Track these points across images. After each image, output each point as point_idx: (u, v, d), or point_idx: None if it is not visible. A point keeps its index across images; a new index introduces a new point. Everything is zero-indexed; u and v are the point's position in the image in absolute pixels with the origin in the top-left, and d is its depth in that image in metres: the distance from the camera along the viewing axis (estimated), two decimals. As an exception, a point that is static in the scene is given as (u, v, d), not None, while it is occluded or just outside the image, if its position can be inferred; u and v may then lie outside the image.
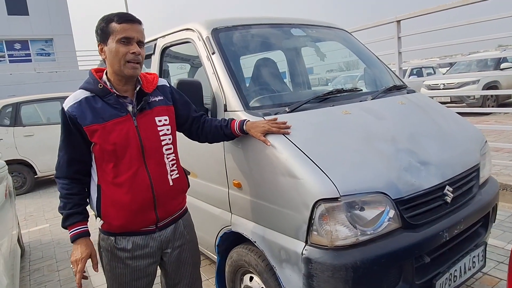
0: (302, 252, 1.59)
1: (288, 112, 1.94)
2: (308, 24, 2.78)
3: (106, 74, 1.53)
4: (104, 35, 1.46)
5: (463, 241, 1.96)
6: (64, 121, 1.48)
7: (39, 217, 5.35)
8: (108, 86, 1.50)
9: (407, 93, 2.56)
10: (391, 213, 1.62)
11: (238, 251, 2.04)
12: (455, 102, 10.18)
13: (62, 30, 22.49)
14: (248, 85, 2.33)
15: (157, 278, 1.71)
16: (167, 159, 1.61)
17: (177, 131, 1.73)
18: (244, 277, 2.09)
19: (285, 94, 2.52)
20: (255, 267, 1.91)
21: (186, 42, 2.40)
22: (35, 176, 6.94)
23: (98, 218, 1.57)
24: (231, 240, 2.15)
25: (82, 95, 1.49)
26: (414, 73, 13.21)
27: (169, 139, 1.62)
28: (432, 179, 1.79)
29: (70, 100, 1.49)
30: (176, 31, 2.51)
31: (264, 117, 1.87)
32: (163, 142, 1.59)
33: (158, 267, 1.71)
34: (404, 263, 1.62)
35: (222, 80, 2.04)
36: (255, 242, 1.86)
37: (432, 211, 1.77)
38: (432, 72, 14.18)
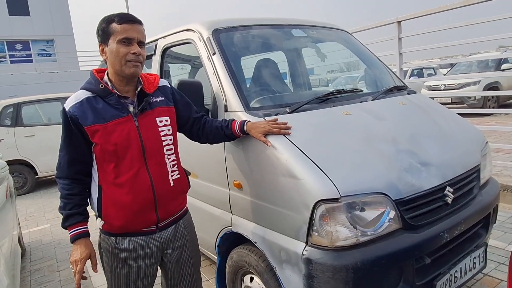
0: (303, 253, 1.59)
1: (289, 112, 1.94)
2: (309, 25, 2.78)
3: (108, 74, 1.54)
4: (105, 36, 1.47)
5: (464, 242, 1.96)
6: (65, 121, 1.49)
7: (39, 217, 5.35)
8: (109, 87, 1.51)
9: (408, 94, 2.56)
10: (392, 214, 1.62)
11: (238, 252, 2.04)
12: (455, 103, 10.18)
13: (63, 31, 22.55)
14: (249, 85, 2.33)
15: (157, 278, 1.71)
16: (168, 159, 1.61)
17: (178, 131, 1.74)
18: (244, 277, 2.09)
19: (285, 94, 2.52)
20: (255, 268, 1.91)
21: (187, 42, 2.41)
22: (36, 177, 6.95)
23: (98, 218, 1.58)
24: (231, 240, 2.15)
25: (83, 95, 1.50)
26: (415, 74, 13.20)
27: (170, 139, 1.62)
28: (433, 180, 1.79)
29: (71, 100, 1.49)
30: (177, 31, 2.51)
31: (265, 117, 1.87)
32: (164, 143, 1.59)
33: (159, 267, 1.71)
34: (405, 264, 1.62)
35: (222, 80, 2.05)
36: (256, 242, 1.86)
37: (432, 212, 1.77)
38: (433, 73, 14.16)
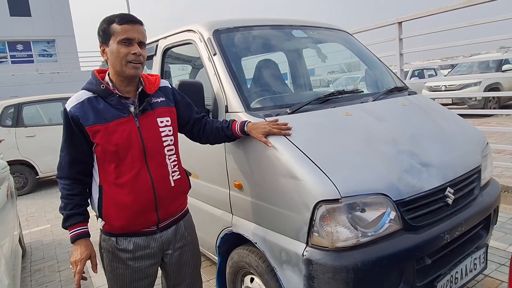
0: (303, 254, 1.58)
1: (289, 113, 1.94)
2: (310, 26, 2.78)
3: (109, 75, 1.54)
4: (105, 36, 1.47)
5: (465, 243, 1.96)
6: (67, 121, 1.49)
7: (40, 217, 5.36)
8: (110, 87, 1.51)
9: (408, 94, 2.55)
10: (392, 214, 1.62)
11: (239, 252, 2.04)
12: (456, 103, 10.17)
13: (64, 31, 22.58)
14: (249, 86, 2.33)
15: (157, 279, 1.71)
16: (169, 160, 1.61)
17: (178, 132, 1.74)
18: (245, 278, 2.09)
19: (286, 95, 2.52)
20: (256, 268, 1.91)
21: (187, 43, 2.41)
22: (37, 177, 6.95)
23: (99, 219, 1.58)
24: (232, 241, 2.15)
25: (84, 95, 1.50)
26: (416, 74, 13.20)
27: (170, 140, 1.62)
28: (433, 180, 1.79)
29: (72, 100, 1.49)
30: (178, 32, 2.51)
31: (265, 118, 1.87)
32: (165, 143, 1.59)
33: (159, 268, 1.71)
34: (405, 264, 1.62)
35: (223, 81, 2.05)
36: (256, 243, 1.86)
37: (433, 213, 1.77)
38: (434, 74, 14.16)
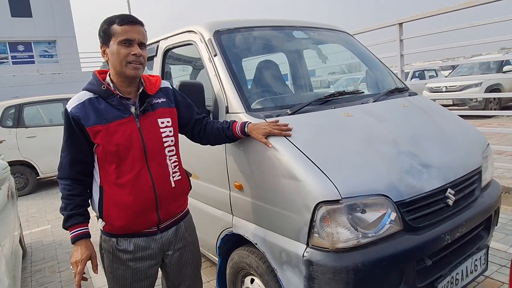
0: (303, 254, 1.58)
1: (290, 114, 1.94)
2: (310, 27, 2.79)
3: (110, 75, 1.54)
4: (106, 37, 1.47)
5: (465, 244, 1.96)
6: (67, 122, 1.49)
7: (41, 218, 5.36)
8: (111, 88, 1.51)
9: (409, 95, 2.55)
10: (393, 215, 1.62)
11: (239, 253, 2.04)
12: (457, 104, 10.17)
13: (65, 32, 22.61)
14: (250, 87, 2.33)
15: (158, 280, 1.71)
16: (169, 160, 1.61)
17: (179, 133, 1.74)
18: (245, 279, 2.09)
19: (287, 96, 2.52)
20: (256, 269, 1.90)
21: (188, 44, 2.41)
22: (37, 177, 6.95)
23: (99, 219, 1.58)
24: (232, 242, 2.15)
25: (85, 96, 1.50)
26: (416, 75, 13.20)
27: (171, 140, 1.62)
28: (434, 181, 1.78)
29: (73, 101, 1.50)
30: (178, 33, 2.52)
31: (266, 119, 1.87)
32: (166, 144, 1.59)
33: (159, 269, 1.71)
34: (406, 265, 1.62)
35: (224, 82, 2.05)
36: (256, 244, 1.86)
37: (433, 214, 1.77)
38: (434, 75, 14.16)
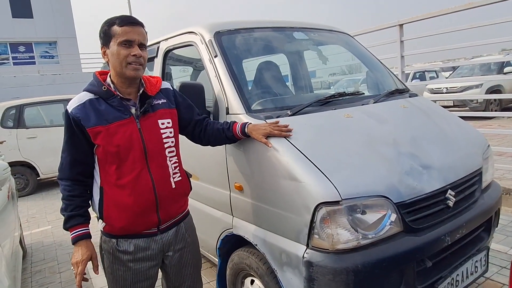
0: (303, 256, 1.58)
1: (290, 115, 1.94)
2: (311, 28, 2.79)
3: (110, 76, 1.54)
4: (106, 38, 1.48)
5: (466, 245, 1.95)
6: (68, 122, 1.49)
7: (41, 219, 5.36)
8: (112, 89, 1.51)
9: (410, 96, 2.55)
10: (393, 216, 1.62)
11: (239, 254, 2.04)
12: (458, 106, 10.17)
13: (66, 33, 22.65)
14: (250, 88, 2.33)
15: (158, 281, 1.71)
16: (170, 161, 1.61)
17: (180, 134, 1.74)
18: (245, 280, 2.09)
19: (287, 97, 2.52)
20: (256, 270, 1.90)
21: (188, 45, 2.41)
22: (38, 178, 6.96)
23: (100, 220, 1.58)
24: (232, 243, 2.15)
25: (86, 97, 1.50)
26: (417, 77, 13.19)
27: (171, 141, 1.62)
28: (434, 183, 1.78)
29: (74, 102, 1.50)
30: (179, 34, 2.52)
31: (266, 120, 1.87)
32: (166, 145, 1.60)
33: (160, 269, 1.71)
34: (406, 267, 1.61)
35: (224, 83, 2.05)
36: (256, 245, 1.86)
37: (434, 215, 1.77)
38: (435, 76, 14.16)
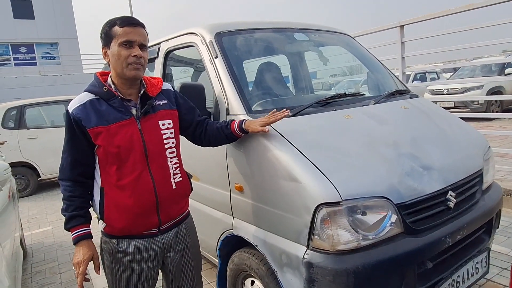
0: (304, 256, 1.58)
1: (291, 116, 1.94)
2: (311, 29, 2.79)
3: (111, 77, 1.55)
4: (107, 39, 1.48)
5: (466, 247, 1.95)
6: (69, 123, 1.50)
7: (42, 219, 5.36)
8: (112, 89, 1.52)
9: (410, 97, 2.55)
10: (393, 218, 1.61)
11: (239, 255, 2.04)
12: (459, 107, 10.16)
13: (67, 34, 22.72)
14: (251, 89, 2.33)
15: (158, 281, 1.71)
16: (170, 162, 1.61)
17: (180, 135, 1.74)
18: (245, 281, 2.09)
19: (287, 98, 2.52)
20: (256, 271, 1.90)
21: (189, 46, 2.42)
22: (39, 179, 6.96)
23: (100, 221, 1.58)
24: (232, 243, 2.15)
25: (86, 97, 1.51)
26: (418, 78, 13.18)
27: (172, 142, 1.62)
28: (435, 184, 1.78)
29: (74, 102, 1.50)
30: (180, 35, 2.52)
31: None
32: (167, 146, 1.60)
33: (160, 270, 1.71)
34: (406, 268, 1.61)
35: (224, 84, 2.05)
36: (257, 246, 1.86)
37: (434, 216, 1.76)
38: (436, 77, 14.14)
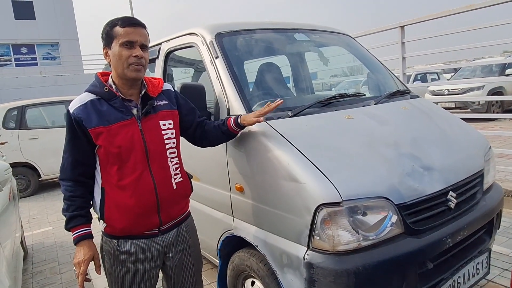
0: (304, 257, 1.58)
1: (291, 116, 1.94)
2: (312, 29, 2.79)
3: (112, 77, 1.55)
4: (108, 39, 1.48)
5: (467, 247, 1.95)
6: (70, 123, 1.50)
7: (42, 219, 5.37)
8: (113, 90, 1.52)
9: (411, 98, 2.55)
10: (394, 218, 1.61)
11: (240, 256, 2.04)
12: (459, 107, 10.16)
13: (68, 35, 22.76)
14: (251, 89, 2.34)
15: (159, 282, 1.71)
16: (171, 162, 1.61)
17: (180, 135, 1.74)
18: (246, 281, 2.09)
19: (288, 98, 2.52)
20: (256, 272, 1.90)
21: (190, 46, 2.42)
22: (39, 179, 6.97)
23: (101, 221, 1.58)
24: (233, 244, 2.15)
25: (87, 98, 1.51)
26: (418, 78, 13.17)
27: (173, 143, 1.62)
28: (435, 184, 1.78)
29: (75, 102, 1.50)
30: (180, 35, 2.52)
31: (267, 121, 1.87)
32: (167, 146, 1.60)
33: (160, 271, 1.71)
34: (407, 269, 1.61)
35: (225, 84, 2.05)
36: (257, 246, 1.86)
37: (435, 217, 1.76)
38: (437, 78, 14.14)
